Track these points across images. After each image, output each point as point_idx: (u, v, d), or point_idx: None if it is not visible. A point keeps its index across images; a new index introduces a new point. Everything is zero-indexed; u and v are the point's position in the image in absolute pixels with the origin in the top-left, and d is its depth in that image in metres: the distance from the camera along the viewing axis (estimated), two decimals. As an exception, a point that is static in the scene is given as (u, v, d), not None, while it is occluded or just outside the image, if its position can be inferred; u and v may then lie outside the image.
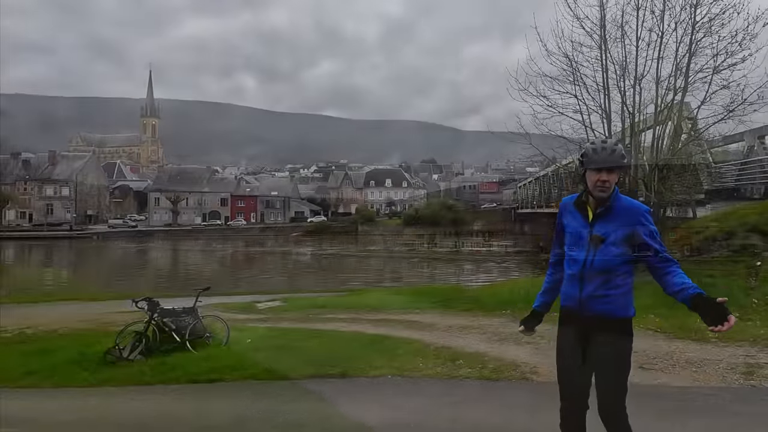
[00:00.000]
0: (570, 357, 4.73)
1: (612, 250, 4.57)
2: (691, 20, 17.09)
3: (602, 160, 4.54)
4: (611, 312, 4.58)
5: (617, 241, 4.56)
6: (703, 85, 17.39)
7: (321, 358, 11.03)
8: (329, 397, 8.89)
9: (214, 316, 15.21)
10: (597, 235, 4.59)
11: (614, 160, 4.56)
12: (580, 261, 4.66)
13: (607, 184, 4.55)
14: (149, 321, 13.60)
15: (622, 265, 4.59)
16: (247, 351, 12.27)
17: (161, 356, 12.80)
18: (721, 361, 9.41)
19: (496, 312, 15.67)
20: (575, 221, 4.78)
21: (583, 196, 4.77)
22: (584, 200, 4.75)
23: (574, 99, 18.57)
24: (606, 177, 4.54)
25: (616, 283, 4.59)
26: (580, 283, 4.65)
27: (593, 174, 4.59)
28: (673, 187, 18.85)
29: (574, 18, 18.19)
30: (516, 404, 7.71)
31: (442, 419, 7.47)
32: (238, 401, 9.23)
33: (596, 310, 4.59)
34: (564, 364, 4.81)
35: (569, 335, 4.75)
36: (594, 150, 4.60)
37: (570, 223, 4.82)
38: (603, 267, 4.57)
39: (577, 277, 4.68)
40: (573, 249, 4.74)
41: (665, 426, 6.73)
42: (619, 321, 4.61)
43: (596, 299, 4.59)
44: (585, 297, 4.62)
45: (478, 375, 9.62)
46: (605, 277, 4.58)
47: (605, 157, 4.54)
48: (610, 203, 4.62)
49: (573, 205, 4.83)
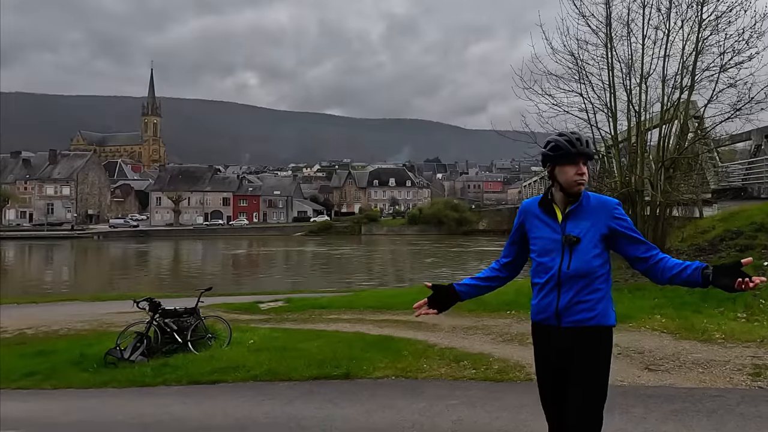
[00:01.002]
0: (554, 381, 4.24)
1: (589, 250, 4.14)
2: (697, 18, 17.07)
3: (582, 152, 4.20)
4: (593, 320, 4.11)
5: (594, 240, 4.16)
6: (710, 83, 17.36)
7: (324, 359, 11.04)
8: (332, 399, 8.90)
9: (216, 317, 15.28)
10: (571, 236, 4.15)
11: (590, 150, 4.30)
12: (555, 266, 4.18)
13: (585, 176, 4.20)
14: (151, 322, 13.65)
15: (600, 266, 4.17)
16: (250, 352, 12.29)
17: (163, 357, 12.86)
18: (728, 362, 9.38)
19: (500, 312, 15.67)
20: (543, 225, 4.31)
21: (548, 194, 4.35)
22: (550, 199, 4.33)
23: (580, 97, 18.56)
24: (584, 169, 4.20)
25: (596, 287, 4.15)
26: (557, 292, 4.17)
27: (571, 168, 4.19)
28: (679, 186, 18.82)
29: (579, 16, 18.19)
30: (521, 406, 7.69)
31: (446, 421, 7.46)
32: (241, 403, 9.23)
33: (576, 320, 4.12)
34: (547, 390, 4.32)
35: (549, 356, 4.26)
36: (569, 142, 4.21)
37: (536, 227, 4.35)
38: (582, 270, 4.13)
39: (552, 285, 4.19)
40: (544, 255, 4.26)
41: (671, 428, 6.72)
42: (601, 330, 4.14)
43: (576, 307, 4.12)
44: (563, 306, 4.14)
45: (483, 376, 9.61)
46: (584, 281, 4.13)
47: (583, 148, 4.21)
48: (581, 200, 4.22)
49: (538, 206, 4.37)
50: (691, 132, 19.14)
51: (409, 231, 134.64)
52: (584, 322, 4.09)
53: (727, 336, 10.90)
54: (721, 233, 17.45)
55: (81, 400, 10.62)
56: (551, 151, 4.27)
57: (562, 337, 4.14)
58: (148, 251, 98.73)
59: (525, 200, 4.59)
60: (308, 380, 10.15)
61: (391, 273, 63.32)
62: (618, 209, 4.22)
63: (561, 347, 4.14)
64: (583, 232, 4.14)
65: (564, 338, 4.13)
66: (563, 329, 4.13)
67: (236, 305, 23.03)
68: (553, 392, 4.25)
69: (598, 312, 4.11)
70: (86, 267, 77.80)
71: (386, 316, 17.46)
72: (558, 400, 4.20)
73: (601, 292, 4.15)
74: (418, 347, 11.86)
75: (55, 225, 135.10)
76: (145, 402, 10.04)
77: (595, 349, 4.10)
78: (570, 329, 4.11)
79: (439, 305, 4.76)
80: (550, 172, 4.34)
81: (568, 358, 4.12)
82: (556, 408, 4.24)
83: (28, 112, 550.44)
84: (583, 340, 4.09)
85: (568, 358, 4.12)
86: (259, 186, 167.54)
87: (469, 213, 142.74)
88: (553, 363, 4.20)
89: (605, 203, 4.24)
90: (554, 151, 4.26)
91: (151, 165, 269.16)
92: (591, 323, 4.09)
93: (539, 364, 4.36)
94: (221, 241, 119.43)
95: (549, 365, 4.25)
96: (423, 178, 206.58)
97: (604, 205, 4.22)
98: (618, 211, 4.21)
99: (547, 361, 4.27)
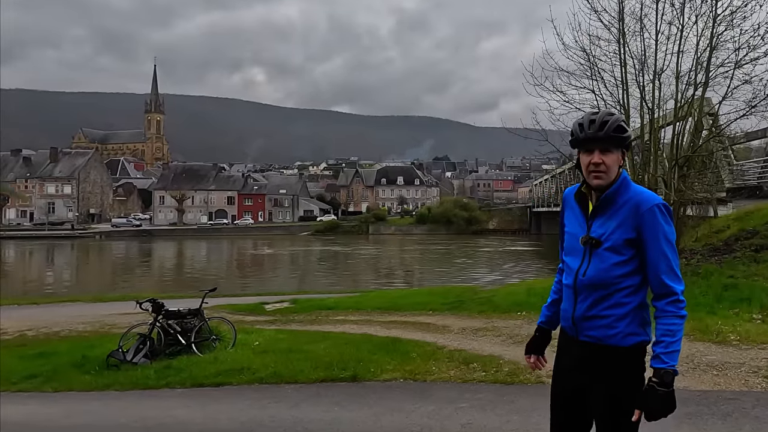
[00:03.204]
0: (566, 398, 3.81)
1: (609, 257, 3.58)
2: (712, 13, 17.00)
3: (591, 137, 3.58)
4: (611, 339, 3.58)
5: (618, 244, 3.56)
6: (725, 79, 17.30)
7: (331, 361, 11.04)
8: (339, 402, 8.91)
9: (221, 318, 15.26)
10: (591, 237, 3.63)
11: (606, 135, 3.57)
12: (574, 270, 3.72)
13: (602, 167, 3.56)
14: (154, 323, 13.67)
15: (624, 277, 3.58)
16: (255, 354, 12.29)
17: (166, 359, 12.87)
18: (743, 365, 9.36)
19: (511, 314, 15.65)
20: (574, 218, 3.82)
21: (583, 185, 3.77)
22: (584, 191, 3.77)
23: (592, 94, 18.50)
24: (599, 158, 3.57)
25: (618, 300, 3.57)
26: (574, 299, 3.72)
27: (585, 156, 3.64)
28: (693, 185, 18.77)
29: (591, 11, 18.11)
30: (532, 409, 7.69)
31: (455, 424, 7.46)
32: (246, 406, 9.25)
33: (593, 336, 3.64)
34: (557, 407, 3.89)
35: (566, 368, 3.81)
36: (581, 126, 3.65)
37: (569, 220, 3.87)
38: (596, 279, 3.60)
39: (571, 290, 3.74)
40: (569, 254, 3.82)
41: (686, 431, 6.72)
42: (619, 351, 3.57)
43: (593, 321, 3.63)
44: (579, 317, 3.69)
45: (493, 379, 9.61)
46: (602, 292, 3.59)
47: (594, 133, 3.57)
48: (612, 194, 3.61)
49: (574, 197, 3.84)
50: (706, 129, 19.08)
51: (418, 230, 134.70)
52: (602, 339, 3.60)
53: (743, 338, 10.87)
54: (736, 233, 17.45)
55: (82, 404, 10.63)
56: (570, 136, 3.77)
57: (580, 350, 3.70)
58: (151, 251, 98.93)
59: (569, 187, 4.02)
60: (315, 383, 10.15)
61: (399, 273, 63.29)
62: (653, 211, 3.53)
63: (578, 362, 3.70)
64: (607, 233, 3.59)
65: (581, 352, 3.69)
66: (581, 342, 3.69)
67: (241, 306, 23.05)
68: (570, 409, 3.79)
69: (619, 330, 3.55)
70: (88, 267, 77.89)
71: (394, 317, 17.45)
72: (572, 422, 3.80)
73: (626, 307, 3.56)
74: (426, 349, 11.86)
75: (56, 224, 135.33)
76: (148, 405, 10.05)
77: (613, 373, 3.57)
78: (587, 345, 3.66)
79: (540, 349, 4.20)
80: (577, 160, 3.79)
81: (585, 379, 3.66)
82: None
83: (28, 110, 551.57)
84: (600, 360, 3.61)
85: (585, 377, 3.66)
86: (264, 184, 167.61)
87: (479, 212, 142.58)
88: (570, 379, 3.76)
89: (640, 200, 3.56)
90: (571, 137, 3.76)
91: (155, 163, 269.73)
92: (610, 342, 3.58)
93: (555, 374, 3.90)
94: (226, 241, 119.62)
95: (564, 379, 3.81)
96: (432, 177, 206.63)
97: (638, 202, 3.56)
98: (652, 213, 3.53)
99: (563, 374, 3.83)
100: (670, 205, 17.83)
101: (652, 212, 3.52)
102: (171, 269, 73.10)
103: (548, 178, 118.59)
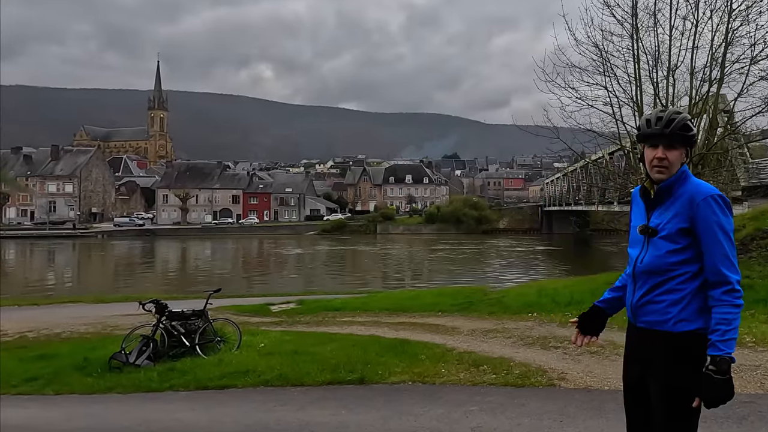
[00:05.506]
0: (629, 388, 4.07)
1: (664, 245, 3.83)
2: (727, 8, 16.99)
3: (657, 133, 3.85)
4: (665, 325, 3.80)
5: (671, 234, 3.81)
6: (740, 76, 17.31)
7: (338, 364, 11.05)
8: (347, 405, 8.93)
9: (226, 320, 15.27)
10: (648, 226, 3.90)
11: (672, 132, 3.84)
12: (634, 258, 4.00)
13: (665, 162, 3.84)
14: (157, 324, 13.68)
15: (678, 264, 3.80)
16: (260, 356, 12.31)
17: (170, 361, 12.89)
18: (759, 367, 9.36)
19: (522, 315, 15.66)
20: (638, 211, 4.10)
21: (646, 181, 4.04)
22: (647, 186, 4.02)
23: (604, 91, 18.51)
24: (663, 153, 3.85)
25: (672, 287, 3.80)
26: (633, 286, 3.99)
27: (649, 151, 3.90)
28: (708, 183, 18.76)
29: (604, 5, 18.11)
30: (543, 412, 7.70)
31: (464, 428, 7.47)
32: (251, 409, 9.27)
33: (648, 321, 3.88)
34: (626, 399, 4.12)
35: (626, 356, 4.12)
36: (648, 121, 3.93)
37: (634, 214, 4.17)
38: (652, 266, 3.86)
39: (631, 279, 4.03)
40: (632, 246, 4.08)
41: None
42: (672, 337, 3.78)
43: (648, 307, 3.88)
44: (635, 304, 3.96)
45: (503, 381, 9.61)
46: (657, 278, 3.84)
47: (660, 129, 3.83)
48: (670, 186, 3.89)
49: (638, 193, 4.12)
50: (721, 127, 19.09)
51: (427, 230, 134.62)
52: (655, 325, 3.86)
53: (758, 340, 10.88)
54: (751, 232, 17.38)
55: (84, 407, 10.65)
56: (638, 130, 4.10)
57: (638, 336, 3.97)
58: (155, 251, 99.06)
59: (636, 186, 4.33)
60: (321, 385, 10.17)
61: (407, 274, 63.29)
62: (708, 201, 3.78)
63: (638, 348, 3.98)
64: (663, 222, 3.86)
65: (639, 339, 3.96)
66: (638, 328, 3.97)
67: (246, 307, 23.08)
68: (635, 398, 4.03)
69: (671, 316, 3.79)
70: (90, 267, 78.04)
71: (402, 318, 17.47)
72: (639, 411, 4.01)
73: (680, 293, 3.80)
74: (435, 351, 11.87)
75: (58, 223, 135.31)
76: (151, 408, 10.08)
77: (668, 359, 3.79)
78: (644, 330, 3.92)
79: (591, 329, 4.39)
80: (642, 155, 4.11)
81: (641, 366, 3.93)
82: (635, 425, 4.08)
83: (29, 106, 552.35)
84: (656, 346, 3.84)
85: (641, 366, 3.93)
86: (270, 183, 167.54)
87: (489, 211, 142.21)
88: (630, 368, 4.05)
89: (696, 191, 3.82)
90: (637, 131, 4.11)
91: (158, 161, 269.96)
92: (663, 328, 3.82)
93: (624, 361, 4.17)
94: (231, 241, 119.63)
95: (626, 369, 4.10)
96: (441, 175, 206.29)
97: (693, 193, 3.82)
98: (706, 203, 3.77)
99: (626, 363, 4.13)
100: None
101: (707, 203, 3.77)
102: (174, 269, 73.20)
103: (560, 176, 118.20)
